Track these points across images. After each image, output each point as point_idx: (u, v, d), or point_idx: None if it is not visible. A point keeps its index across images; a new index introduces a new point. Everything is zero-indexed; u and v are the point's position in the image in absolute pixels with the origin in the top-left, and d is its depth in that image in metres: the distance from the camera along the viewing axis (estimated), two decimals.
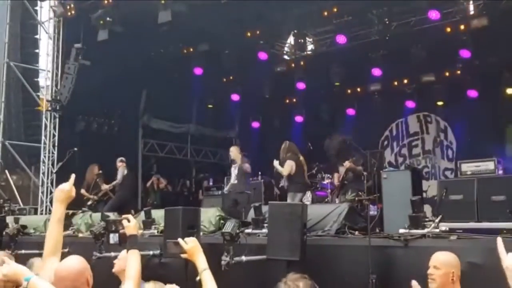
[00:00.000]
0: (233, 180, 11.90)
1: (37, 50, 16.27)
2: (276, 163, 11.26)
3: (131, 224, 3.79)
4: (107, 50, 13.78)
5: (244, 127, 19.17)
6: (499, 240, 2.23)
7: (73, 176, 3.78)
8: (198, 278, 3.31)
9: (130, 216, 3.87)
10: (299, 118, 18.06)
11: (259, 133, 18.65)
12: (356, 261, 6.31)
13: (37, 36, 16.26)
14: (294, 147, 11.54)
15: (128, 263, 3.62)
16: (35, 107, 15.79)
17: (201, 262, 3.34)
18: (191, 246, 3.37)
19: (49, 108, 14.68)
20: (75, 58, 14.03)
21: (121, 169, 13.11)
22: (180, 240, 3.43)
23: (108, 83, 14.01)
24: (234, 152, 12.06)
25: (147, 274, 5.10)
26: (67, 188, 3.64)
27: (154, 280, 5.52)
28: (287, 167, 11.03)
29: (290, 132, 17.02)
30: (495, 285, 3.79)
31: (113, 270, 5.77)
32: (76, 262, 3.29)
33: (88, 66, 14.06)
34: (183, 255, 3.44)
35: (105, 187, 13.11)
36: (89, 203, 12.86)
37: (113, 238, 7.52)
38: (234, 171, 11.94)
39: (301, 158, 11.38)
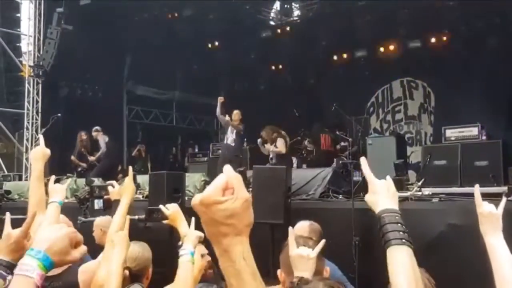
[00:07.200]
0: None
1: (18, 15, 15.93)
2: (270, 147, 10.83)
3: (115, 190, 3.79)
4: (90, 14, 13.56)
5: (229, 94, 19.00)
6: (476, 186, 2.30)
7: (41, 137, 3.72)
8: (180, 243, 3.33)
9: (114, 182, 3.86)
10: (284, 85, 17.95)
11: (245, 100, 18.51)
12: (340, 224, 6.37)
13: (18, 0, 15.90)
14: (273, 127, 11.09)
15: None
16: (17, 73, 15.55)
17: (183, 227, 3.35)
18: (173, 212, 3.38)
19: (32, 74, 14.49)
20: (57, 23, 13.75)
21: (101, 138, 12.90)
22: (161, 206, 3.44)
23: (92, 49, 13.80)
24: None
25: (132, 238, 5.14)
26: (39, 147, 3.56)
27: None
28: (283, 146, 10.71)
29: (276, 98, 16.96)
30: (473, 245, 3.86)
31: (96, 242, 5.75)
32: None
33: (71, 31, 13.80)
34: (165, 221, 3.45)
35: (92, 159, 12.96)
36: (79, 169, 12.80)
37: (98, 203, 7.48)
38: None
39: (283, 132, 11.04)
